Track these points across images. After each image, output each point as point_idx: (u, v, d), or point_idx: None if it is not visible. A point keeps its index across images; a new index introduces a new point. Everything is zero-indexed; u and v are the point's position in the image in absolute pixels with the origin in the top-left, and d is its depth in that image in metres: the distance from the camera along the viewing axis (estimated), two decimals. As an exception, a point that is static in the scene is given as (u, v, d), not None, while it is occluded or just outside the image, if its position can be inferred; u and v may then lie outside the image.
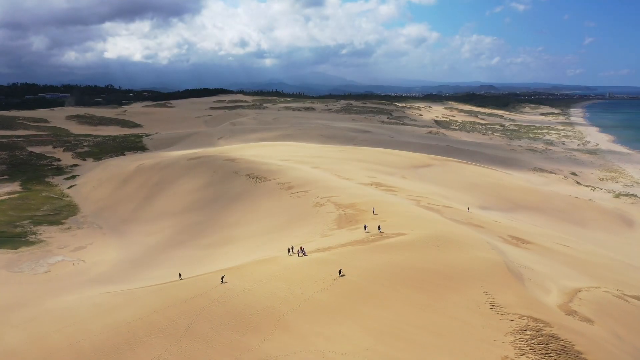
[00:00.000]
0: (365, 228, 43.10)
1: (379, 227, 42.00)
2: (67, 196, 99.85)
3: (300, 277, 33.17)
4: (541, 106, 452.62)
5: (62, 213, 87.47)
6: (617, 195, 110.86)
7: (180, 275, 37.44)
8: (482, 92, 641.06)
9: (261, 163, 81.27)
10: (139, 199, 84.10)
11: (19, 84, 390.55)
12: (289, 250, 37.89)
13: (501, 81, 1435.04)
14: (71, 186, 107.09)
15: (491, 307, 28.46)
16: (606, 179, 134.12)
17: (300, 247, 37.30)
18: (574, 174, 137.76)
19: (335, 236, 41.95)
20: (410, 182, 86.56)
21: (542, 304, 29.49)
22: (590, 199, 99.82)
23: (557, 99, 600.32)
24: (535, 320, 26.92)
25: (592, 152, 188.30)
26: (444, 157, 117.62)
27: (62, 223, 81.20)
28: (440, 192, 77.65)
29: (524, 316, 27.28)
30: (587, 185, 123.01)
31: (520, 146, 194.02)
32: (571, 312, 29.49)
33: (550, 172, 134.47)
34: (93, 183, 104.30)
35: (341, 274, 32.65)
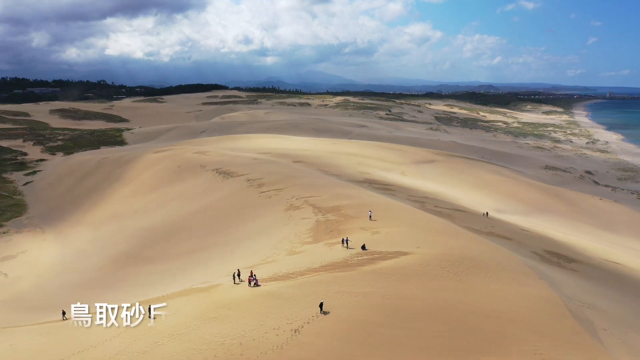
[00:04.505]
0: (344, 242, 29.70)
1: (363, 246, 28.70)
2: (20, 194, 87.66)
3: (244, 324, 20.99)
4: (543, 105, 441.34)
5: (5, 214, 75.32)
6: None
7: (63, 313, 25.11)
8: (482, 91, 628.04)
9: (233, 156, 68.61)
10: (93, 198, 71.77)
11: (8, 79, 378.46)
12: (234, 276, 25.62)
13: (500, 81, 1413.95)
14: (27, 183, 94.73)
15: (559, 392, 16.28)
16: (624, 179, 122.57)
17: (251, 274, 24.97)
18: (589, 172, 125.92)
19: (306, 254, 29.30)
20: (411, 179, 74.28)
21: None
22: (615, 201, 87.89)
23: (558, 98, 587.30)
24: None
25: (603, 150, 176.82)
26: (449, 153, 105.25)
27: (1, 226, 69.20)
28: (447, 192, 65.33)
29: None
30: (606, 185, 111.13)
31: (527, 144, 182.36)
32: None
33: (564, 171, 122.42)
34: (50, 179, 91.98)
35: (322, 309, 20.79)
